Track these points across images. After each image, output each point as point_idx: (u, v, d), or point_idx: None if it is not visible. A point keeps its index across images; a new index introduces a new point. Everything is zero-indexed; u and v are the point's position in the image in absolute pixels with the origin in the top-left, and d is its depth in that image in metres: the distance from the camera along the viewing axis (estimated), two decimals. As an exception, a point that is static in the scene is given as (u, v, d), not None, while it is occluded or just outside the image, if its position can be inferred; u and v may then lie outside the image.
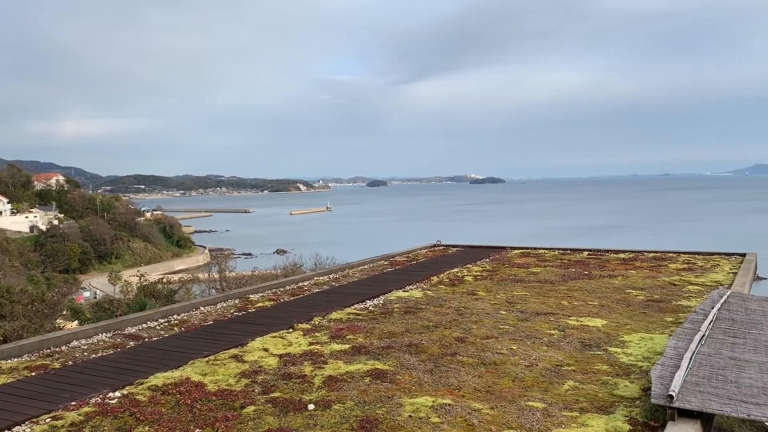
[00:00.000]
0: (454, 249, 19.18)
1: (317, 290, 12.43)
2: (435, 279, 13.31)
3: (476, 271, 14.27)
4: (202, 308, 10.80)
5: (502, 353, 7.46)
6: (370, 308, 10.38)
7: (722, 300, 8.89)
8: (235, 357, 7.57)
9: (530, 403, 5.77)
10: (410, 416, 5.53)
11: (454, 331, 8.61)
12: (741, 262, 14.39)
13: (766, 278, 14.90)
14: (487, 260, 16.23)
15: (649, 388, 5.51)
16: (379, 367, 6.96)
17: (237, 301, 11.36)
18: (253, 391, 6.37)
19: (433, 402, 5.82)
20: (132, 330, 9.36)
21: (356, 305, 10.62)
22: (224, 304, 11.14)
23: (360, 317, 9.67)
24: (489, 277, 13.34)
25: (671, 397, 4.96)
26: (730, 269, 13.62)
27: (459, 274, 13.97)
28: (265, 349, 7.87)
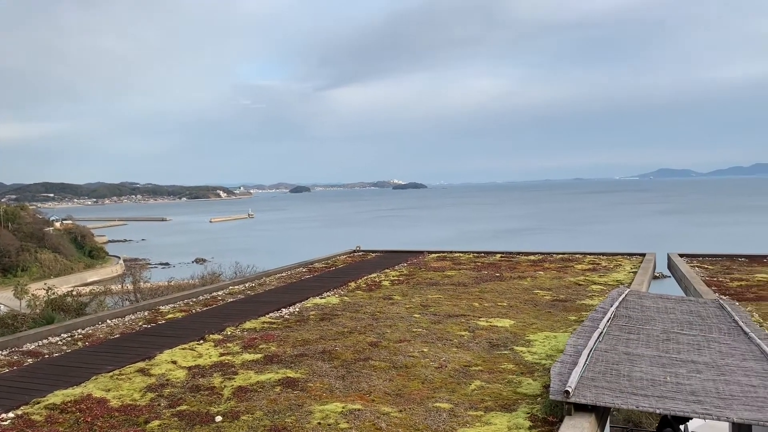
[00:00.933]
0: (373, 254, 19.30)
1: (231, 300, 12.20)
2: (353, 285, 13.36)
3: (393, 276, 14.43)
4: (108, 321, 10.38)
5: (413, 356, 7.58)
6: (286, 316, 10.30)
7: (621, 298, 9.39)
8: (142, 371, 7.33)
9: (438, 404, 5.90)
10: (319, 423, 5.53)
11: (369, 336, 8.68)
12: (641, 262, 15.24)
13: (665, 276, 15.81)
14: (405, 265, 16.44)
15: (550, 385, 5.74)
16: (291, 376, 6.93)
17: (146, 313, 10.99)
18: (159, 405, 6.19)
19: (343, 408, 5.85)
20: (31, 346, 8.87)
21: (271, 314, 10.51)
22: (132, 317, 10.75)
23: (274, 326, 9.58)
24: (405, 282, 13.53)
25: (568, 392, 5.20)
26: (631, 269, 14.40)
27: (376, 279, 14.08)
28: (174, 362, 7.66)
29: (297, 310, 10.79)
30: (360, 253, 19.65)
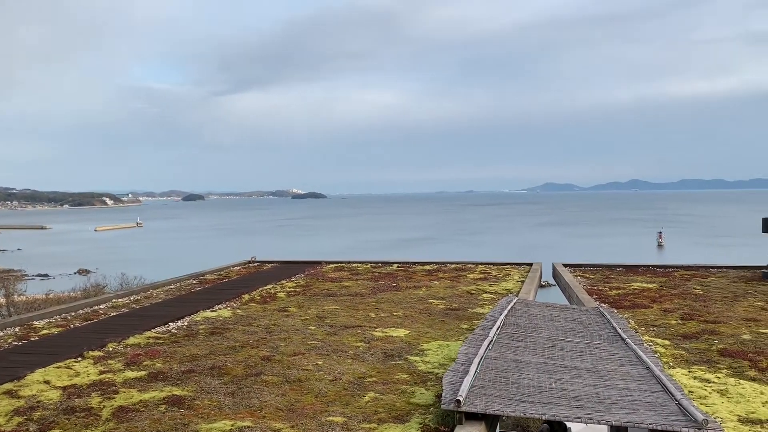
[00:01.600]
0: (269, 265, 18.92)
1: (115, 313, 11.50)
2: (246, 297, 12.99)
3: (290, 287, 14.19)
4: (-28, 339, 9.46)
5: (307, 369, 7.44)
6: (173, 330, 9.83)
7: (509, 307, 9.71)
8: (9, 393, 6.71)
9: (331, 418, 5.80)
10: (206, 443, 5.27)
11: (261, 350, 8.43)
12: (528, 271, 15.90)
13: (550, 285, 16.60)
14: (302, 276, 16.22)
15: (442, 395, 5.80)
16: (177, 393, 6.58)
17: (17, 329, 10.12)
18: (28, 430, 5.67)
19: (232, 426, 5.62)
20: None
21: (158, 328, 9.99)
22: (1, 333, 9.86)
23: (161, 341, 9.11)
24: (302, 293, 13.33)
25: (459, 401, 5.27)
26: (519, 278, 14.98)
27: (272, 290, 13.79)
28: (47, 382, 7.08)
29: (186, 324, 10.33)
30: (255, 264, 19.20)
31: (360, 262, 18.70)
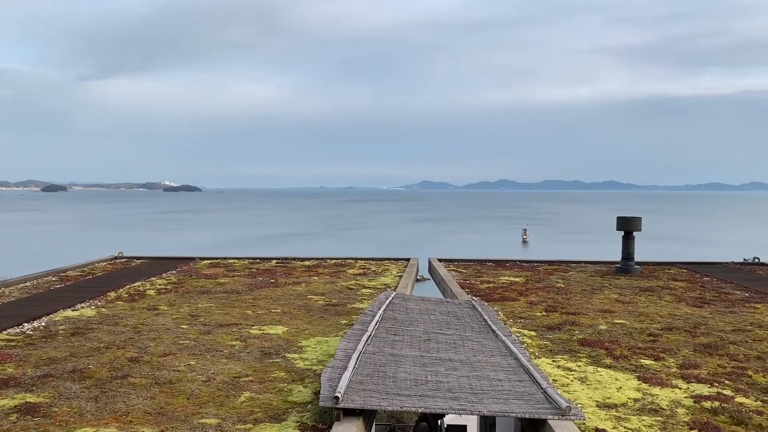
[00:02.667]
0: (138, 261, 17.93)
1: (-42, 315, 10.37)
2: (112, 295, 12.21)
3: (160, 285, 13.51)
4: None
5: (179, 370, 7.10)
6: (28, 332, 9.02)
7: (388, 301, 9.84)
8: None
9: (204, 420, 5.57)
10: (64, 454, 4.87)
11: (129, 351, 7.95)
12: (406, 266, 16.24)
13: (426, 279, 17.08)
14: (174, 272, 15.51)
15: (320, 392, 5.75)
16: (32, 401, 6.04)
17: None
18: None
19: (95, 433, 5.23)
20: None
21: (10, 330, 9.13)
22: None
23: (13, 343, 8.33)
24: (174, 290, 12.74)
25: (337, 398, 5.24)
26: (397, 272, 15.26)
27: (141, 288, 13.06)
28: None
29: (43, 324, 9.53)
30: (123, 260, 18.12)
31: (237, 258, 18.21)
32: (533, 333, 9.03)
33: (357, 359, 6.50)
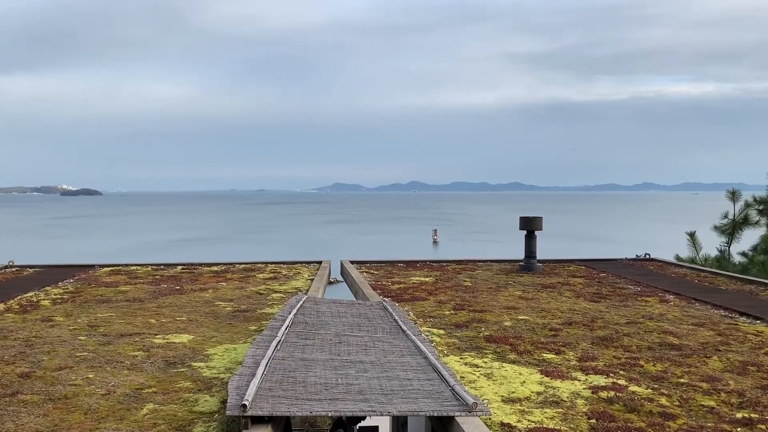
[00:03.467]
0: (31, 270, 16.82)
1: None
2: (2, 307, 11.39)
3: (56, 294, 12.74)
4: None
5: (76, 384, 6.72)
6: None
7: (298, 305, 9.74)
8: None
9: (103, 437, 5.30)
10: (-57, 482, 4.48)
11: (19, 366, 7.44)
12: (318, 269, 16.14)
13: (339, 281, 17.06)
14: (71, 281, 14.67)
15: (227, 400, 5.60)
16: None
17: None
18: None
19: (-21, 458, 4.86)
20: None
21: None
22: None
23: None
24: (71, 300, 12.05)
25: (245, 406, 5.12)
26: (309, 276, 15.14)
27: (34, 298, 12.26)
28: None
29: None
30: (13, 269, 16.94)
31: (140, 265, 17.46)
32: (442, 331, 9.21)
33: (266, 365, 6.39)
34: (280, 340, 7.54)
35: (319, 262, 17.38)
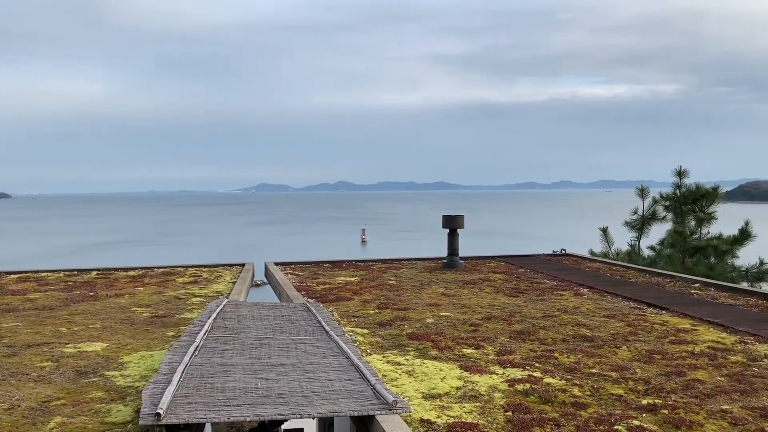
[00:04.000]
0: (-73, 279, 15.68)
1: None
2: None
3: (-45, 304, 11.92)
4: None
5: (-25, 401, 6.31)
6: None
7: (219, 309, 9.53)
8: None
9: (4, 455, 5.00)
10: None
11: None
12: (240, 272, 15.84)
13: (264, 283, 16.80)
14: (-28, 289, 13.77)
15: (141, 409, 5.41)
16: None
17: None
18: None
19: None
20: None
21: None
22: None
23: None
24: (-28, 310, 11.30)
25: (159, 414, 4.97)
26: (231, 279, 14.84)
27: (-71, 309, 11.43)
28: None
29: None
30: None
31: (50, 271, 16.59)
32: (366, 331, 9.24)
33: (183, 372, 6.22)
34: (198, 346, 7.35)
35: (242, 265, 17.06)
